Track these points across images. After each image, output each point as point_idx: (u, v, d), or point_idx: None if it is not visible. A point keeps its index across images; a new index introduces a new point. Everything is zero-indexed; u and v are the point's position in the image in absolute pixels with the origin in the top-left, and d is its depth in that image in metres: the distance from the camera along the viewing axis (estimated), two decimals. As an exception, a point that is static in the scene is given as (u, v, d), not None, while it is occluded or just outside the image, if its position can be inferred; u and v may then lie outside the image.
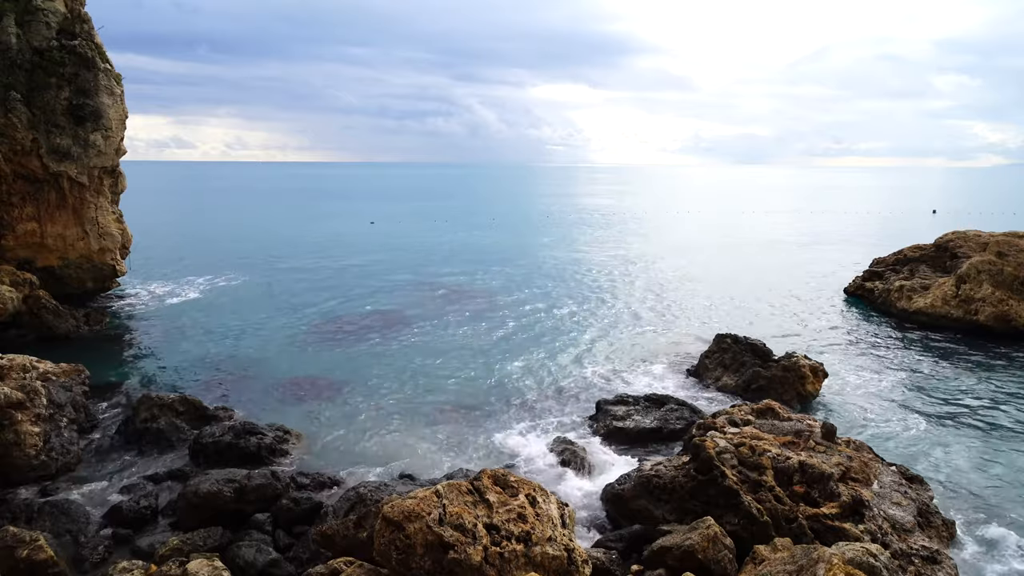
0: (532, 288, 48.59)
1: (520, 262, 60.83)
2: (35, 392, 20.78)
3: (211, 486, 17.28)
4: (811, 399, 26.04)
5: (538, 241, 77.51)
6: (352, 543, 14.37)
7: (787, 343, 33.33)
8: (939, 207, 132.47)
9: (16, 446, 19.07)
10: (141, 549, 16.04)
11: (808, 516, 15.28)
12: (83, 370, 24.92)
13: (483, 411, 25.41)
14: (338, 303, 43.20)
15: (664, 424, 22.59)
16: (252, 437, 21.00)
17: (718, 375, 28.11)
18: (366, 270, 56.08)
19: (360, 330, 36.74)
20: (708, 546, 14.13)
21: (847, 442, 18.90)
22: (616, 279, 52.65)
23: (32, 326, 33.73)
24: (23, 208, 37.82)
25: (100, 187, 40.52)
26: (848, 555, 12.19)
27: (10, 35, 35.83)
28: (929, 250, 43.85)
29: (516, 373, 29.61)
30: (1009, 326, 34.99)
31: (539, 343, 34.40)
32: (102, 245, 40.83)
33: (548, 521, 13.06)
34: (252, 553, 15.25)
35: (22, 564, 14.13)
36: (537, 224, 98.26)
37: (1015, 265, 36.19)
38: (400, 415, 24.85)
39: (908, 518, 15.87)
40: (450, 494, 12.85)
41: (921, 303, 38.52)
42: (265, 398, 26.61)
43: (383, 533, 12.34)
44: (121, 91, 40.33)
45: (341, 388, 27.56)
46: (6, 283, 34.46)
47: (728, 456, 16.66)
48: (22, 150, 36.34)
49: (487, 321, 38.77)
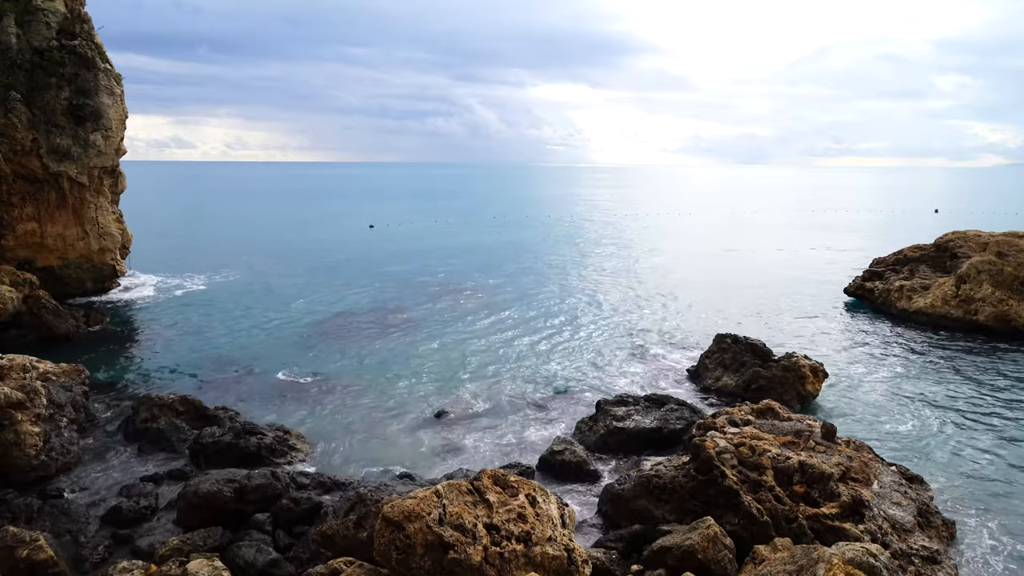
0: (532, 288, 48.61)
1: (520, 262, 60.87)
2: (35, 392, 20.79)
3: (211, 486, 17.28)
4: (811, 399, 26.04)
5: (538, 241, 77.58)
6: (352, 543, 14.36)
7: (787, 343, 33.34)
8: (939, 207, 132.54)
9: (16, 446, 19.07)
10: (141, 549, 16.04)
11: (808, 516, 15.28)
12: (83, 370, 24.94)
13: (483, 411, 25.43)
14: (338, 303, 43.22)
15: (664, 424, 22.59)
16: (252, 437, 21.01)
17: (718, 375, 28.11)
18: (366, 270, 56.11)
19: (360, 330, 36.75)
20: (708, 546, 14.13)
21: (847, 442, 18.91)
22: (616, 279, 52.67)
23: (32, 326, 33.73)
24: (23, 208, 37.85)
25: (100, 187, 40.55)
26: (848, 555, 12.20)
27: (10, 35, 35.84)
28: (929, 250, 43.86)
29: (516, 373, 29.62)
30: (1009, 326, 35.00)
31: (539, 343, 34.42)
32: (102, 245, 40.85)
33: (548, 521, 13.05)
34: (252, 553, 15.24)
35: (22, 564, 14.13)
36: (537, 224, 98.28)
37: (1015, 265, 36.20)
38: (400, 415, 24.87)
39: (908, 518, 15.87)
40: (450, 494, 12.85)
41: (921, 303, 38.52)
42: (265, 398, 26.63)
43: (383, 533, 12.34)
44: (121, 91, 40.36)
45: (341, 388, 27.58)
46: (6, 283, 34.47)
47: (728, 456, 16.66)
48: (22, 150, 36.36)
49: (487, 321, 38.79)
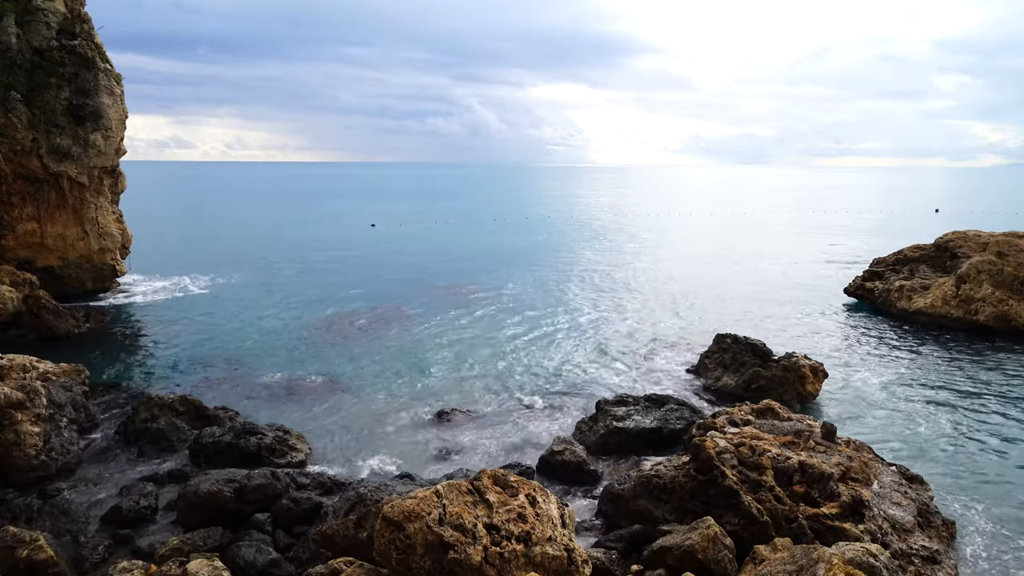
0: (532, 288, 48.61)
1: (520, 262, 60.87)
2: (35, 392, 20.78)
3: (211, 486, 17.28)
4: (811, 399, 26.03)
5: (538, 241, 77.57)
6: (352, 543, 14.36)
7: (787, 343, 33.33)
8: (939, 207, 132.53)
9: (16, 446, 19.07)
10: (141, 549, 16.03)
11: (808, 516, 15.28)
12: (83, 370, 24.93)
13: (483, 411, 25.43)
14: (338, 303, 43.20)
15: (664, 424, 22.58)
16: (252, 437, 21.00)
17: (718, 375, 28.11)
18: (366, 270, 56.14)
19: (360, 330, 36.76)
20: (708, 546, 14.13)
21: (847, 442, 18.90)
22: (616, 279, 52.67)
23: (32, 326, 33.73)
24: (23, 208, 37.85)
25: (100, 187, 40.55)
26: (848, 555, 12.20)
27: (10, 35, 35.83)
28: (929, 250, 43.85)
29: (516, 373, 29.62)
30: (1009, 326, 35.00)
31: (539, 343, 34.43)
32: (102, 245, 40.85)
33: (548, 521, 13.05)
34: (252, 553, 15.24)
35: (22, 564, 14.13)
36: (537, 224, 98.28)
37: (1015, 265, 36.20)
38: (400, 415, 24.86)
39: (908, 518, 15.87)
40: (450, 494, 12.85)
41: (921, 303, 38.52)
42: (265, 398, 26.62)
43: (383, 533, 12.34)
44: (121, 91, 40.36)
45: (341, 388, 27.57)
46: (6, 283, 34.47)
47: (728, 456, 16.66)
48: (22, 150, 36.36)
49: (487, 321, 38.79)
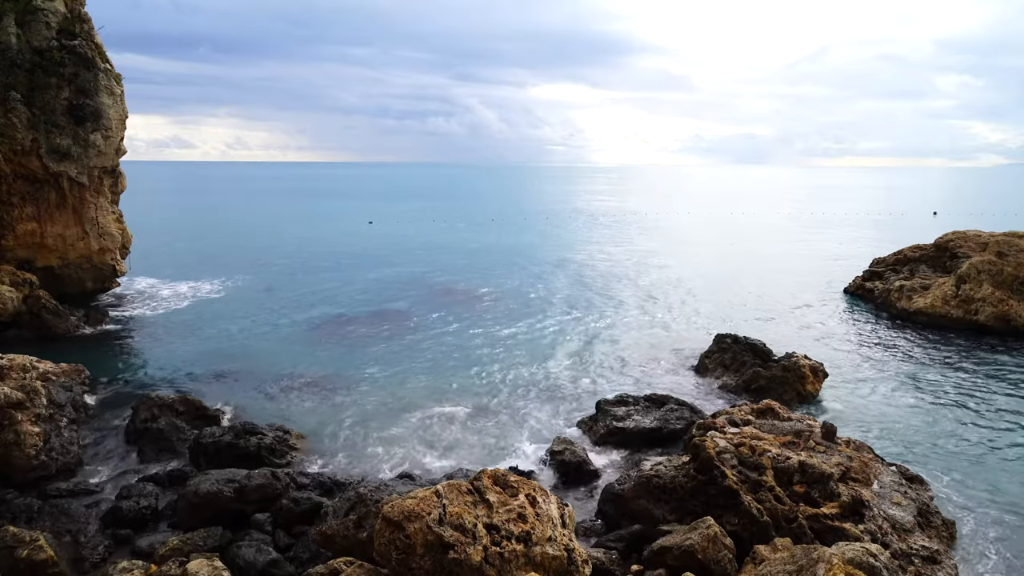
0: (532, 288, 48.60)
1: (520, 262, 60.83)
2: (35, 392, 20.80)
3: (211, 486, 17.29)
4: (811, 399, 26.04)
5: (538, 241, 77.54)
6: (352, 543, 14.36)
7: (787, 343, 33.30)
8: (939, 207, 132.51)
9: (16, 446, 19.08)
10: (141, 549, 16.04)
11: (808, 516, 15.28)
12: (83, 370, 24.94)
13: (483, 411, 25.42)
14: (338, 303, 43.21)
15: (664, 424, 22.59)
16: (252, 437, 21.00)
17: (718, 375, 28.12)
18: (367, 270, 56.09)
19: (360, 330, 36.75)
20: (708, 546, 14.13)
21: (847, 442, 18.91)
22: (616, 279, 52.65)
23: (32, 326, 33.74)
24: (23, 208, 37.81)
25: (100, 187, 40.52)
26: (848, 555, 12.20)
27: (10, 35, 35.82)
28: (929, 250, 43.86)
29: (516, 373, 29.62)
30: (1009, 326, 35.00)
31: (539, 343, 34.41)
32: (102, 245, 40.82)
33: (548, 521, 13.05)
34: (252, 553, 15.25)
35: (22, 564, 14.13)
36: (537, 224, 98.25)
37: (1015, 265, 36.20)
38: (400, 415, 24.85)
39: (908, 518, 15.88)
40: (450, 494, 12.85)
41: (921, 303, 38.52)
42: (265, 398, 26.62)
43: (383, 533, 12.34)
44: (121, 91, 40.32)
45: (341, 388, 27.57)
46: (6, 283, 34.46)
47: (728, 456, 16.66)
48: (22, 150, 36.32)
49: (487, 321, 38.78)
